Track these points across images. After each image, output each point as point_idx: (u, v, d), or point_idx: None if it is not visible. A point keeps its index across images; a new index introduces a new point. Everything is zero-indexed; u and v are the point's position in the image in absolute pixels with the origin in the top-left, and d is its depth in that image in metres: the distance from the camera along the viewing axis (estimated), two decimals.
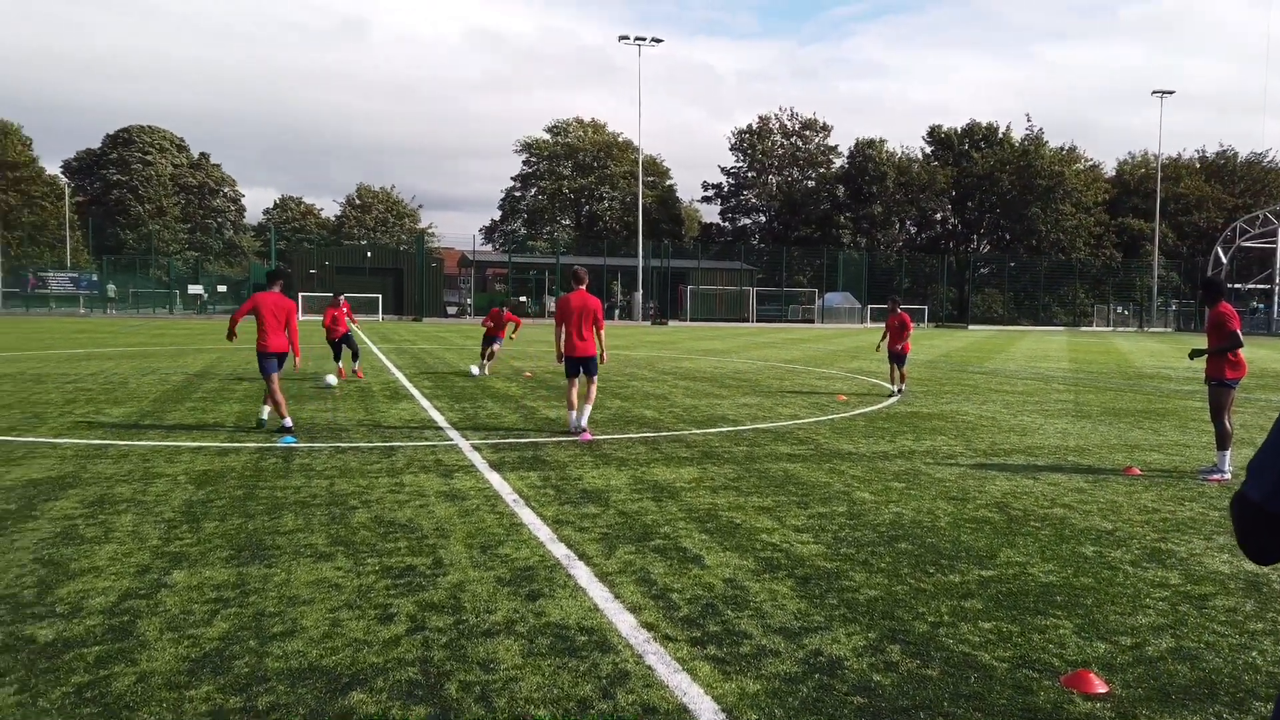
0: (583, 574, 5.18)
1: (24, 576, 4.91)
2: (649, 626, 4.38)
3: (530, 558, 5.47)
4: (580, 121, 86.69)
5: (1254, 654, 4.18)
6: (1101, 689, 3.74)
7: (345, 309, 16.52)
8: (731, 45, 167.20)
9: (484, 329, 17.91)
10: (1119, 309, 74.92)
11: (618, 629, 4.34)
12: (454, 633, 4.25)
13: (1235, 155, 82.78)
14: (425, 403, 12.96)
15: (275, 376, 10.15)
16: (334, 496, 6.96)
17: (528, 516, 6.48)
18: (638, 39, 60.18)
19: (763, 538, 6.04)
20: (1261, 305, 65.63)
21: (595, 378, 10.51)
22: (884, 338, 16.17)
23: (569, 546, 5.73)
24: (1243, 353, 8.48)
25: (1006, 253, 78.56)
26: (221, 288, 62.09)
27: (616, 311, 64.91)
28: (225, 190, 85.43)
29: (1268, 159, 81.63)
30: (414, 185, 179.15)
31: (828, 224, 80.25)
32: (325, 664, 3.86)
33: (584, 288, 10.36)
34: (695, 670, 3.88)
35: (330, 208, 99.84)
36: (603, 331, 10.37)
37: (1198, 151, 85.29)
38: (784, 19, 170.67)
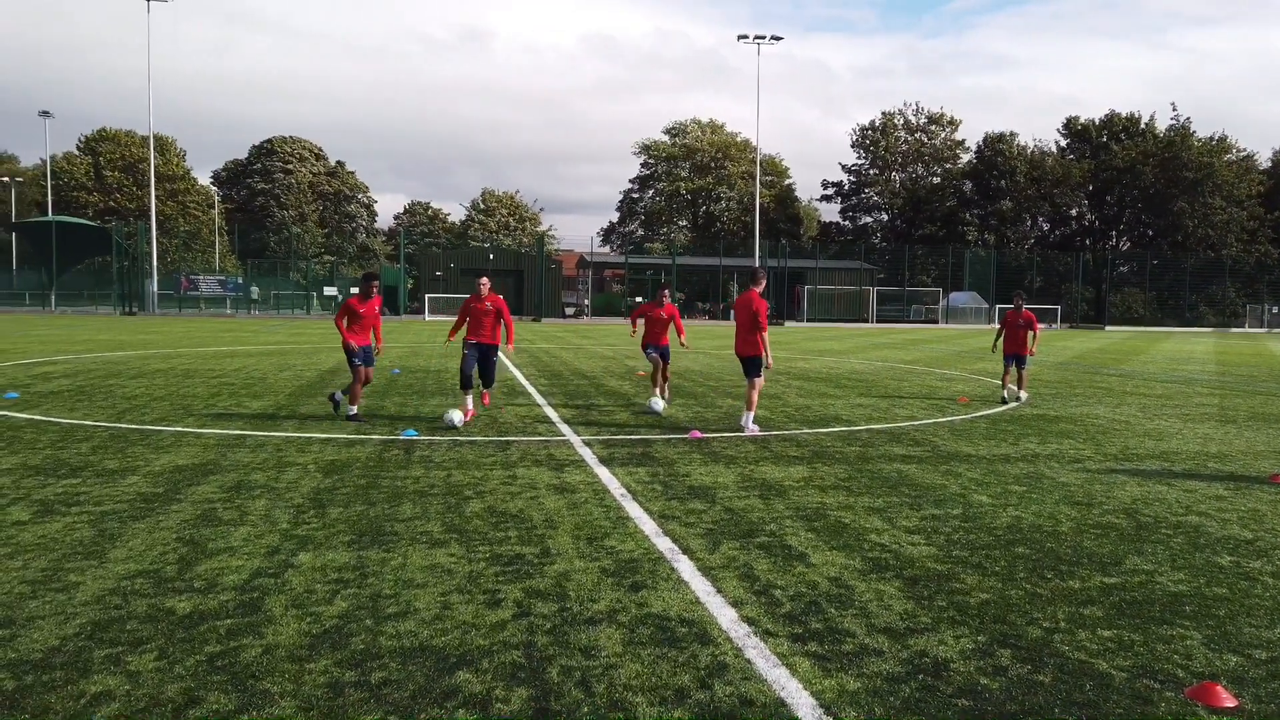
0: (686, 568, 5.20)
1: (167, 554, 5.29)
2: (750, 621, 4.37)
3: (635, 550, 5.53)
4: (698, 122, 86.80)
5: None
6: (1230, 703, 3.51)
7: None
8: (849, 42, 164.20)
9: (636, 331, 13.35)
10: (1274, 309, 69.63)
11: (718, 622, 4.34)
12: (558, 619, 4.34)
13: None
14: (541, 400, 13.25)
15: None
16: (450, 487, 7.21)
17: (634, 510, 6.55)
18: (756, 38, 59.80)
19: (871, 538, 5.93)
20: None
21: (756, 379, 10.45)
22: (999, 336, 14.38)
23: (674, 540, 5.77)
24: None
25: (1149, 250, 74.22)
26: (355, 290, 65.08)
27: (731, 313, 64.71)
28: (359, 196, 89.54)
29: None
30: (535, 189, 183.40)
31: (953, 221, 77.71)
32: (435, 644, 4.02)
33: (756, 289, 10.33)
34: (795, 666, 3.85)
35: (456, 212, 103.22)
36: (765, 335, 10.23)
37: None
38: (903, 13, 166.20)
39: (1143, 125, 76.16)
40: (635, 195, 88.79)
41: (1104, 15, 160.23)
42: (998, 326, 14.78)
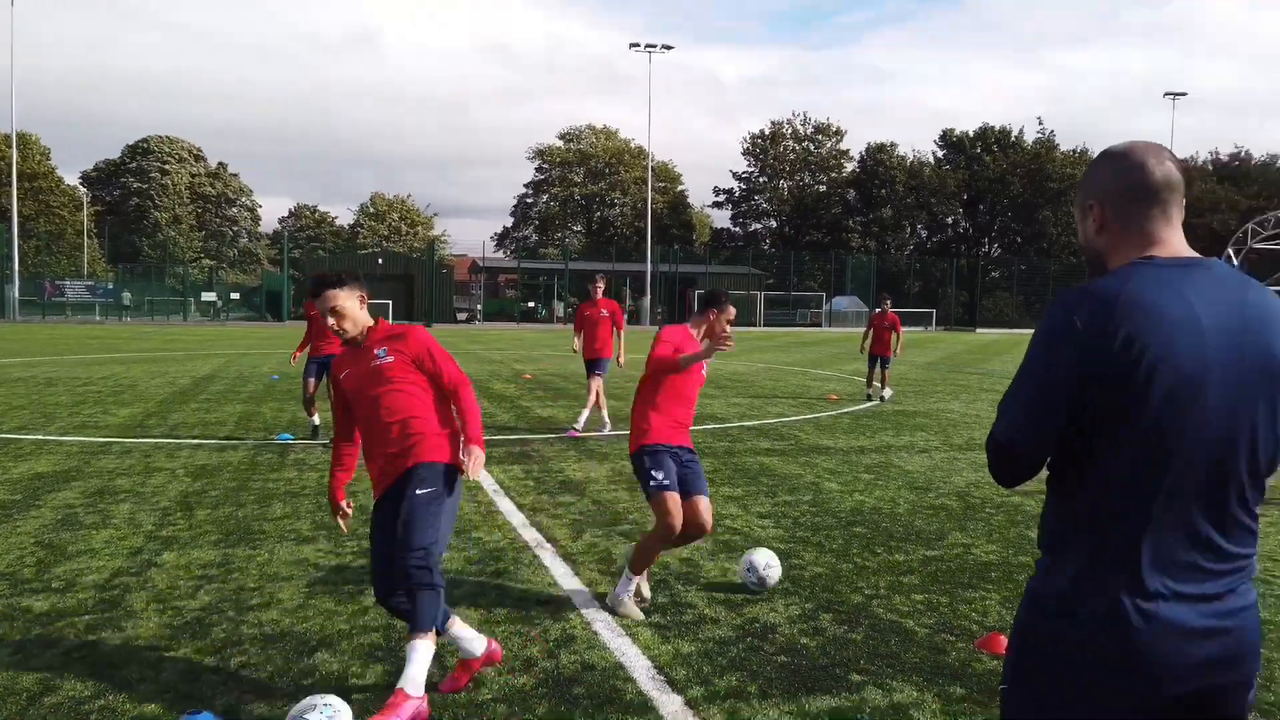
0: (548, 555, 5.50)
1: (24, 557, 5.27)
2: (601, 599, 4.69)
3: (501, 540, 5.79)
4: (593, 128, 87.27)
5: None
6: None
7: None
8: (739, 52, 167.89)
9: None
10: None
11: (571, 601, 4.66)
12: None
13: (1249, 157, 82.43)
14: None
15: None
16: (323, 488, 7.30)
17: (505, 505, 6.80)
18: (648, 46, 60.67)
19: (726, 523, 6.35)
20: None
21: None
22: (866, 337, 15.16)
23: (540, 531, 6.05)
24: None
25: (1017, 256, 78.46)
26: (235, 295, 62.83)
27: (625, 316, 65.30)
28: (242, 200, 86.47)
29: None
30: (429, 193, 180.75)
31: (838, 228, 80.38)
32: (296, 630, 4.20)
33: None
34: (637, 635, 4.19)
35: (345, 215, 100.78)
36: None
37: (1210, 154, 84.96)
38: (790, 26, 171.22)
39: (1013, 138, 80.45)
40: (529, 200, 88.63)
41: (980, 33, 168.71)
42: (866, 329, 15.50)
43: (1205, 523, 1.58)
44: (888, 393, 15.03)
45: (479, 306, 66.37)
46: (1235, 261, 63.97)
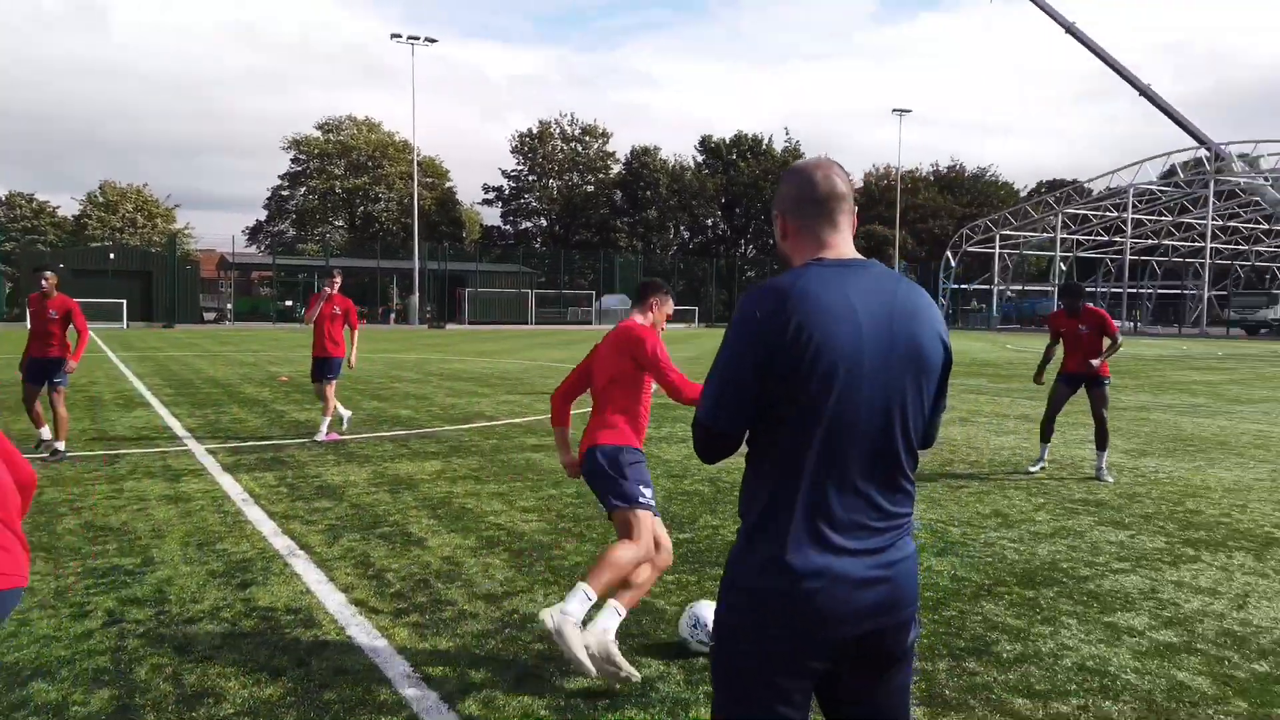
0: (300, 563, 5.30)
1: None
2: (358, 603, 4.60)
3: (249, 551, 5.52)
4: (354, 119, 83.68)
5: None
6: None
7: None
8: (505, 50, 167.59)
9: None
10: None
11: (325, 607, 4.53)
12: (153, 623, 4.28)
13: (963, 169, 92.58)
14: (163, 410, 12.31)
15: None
16: (41, 506, 6.60)
17: (254, 514, 6.47)
18: (410, 38, 59.01)
19: (490, 519, 6.39)
20: (983, 305, 73.87)
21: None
22: None
23: (292, 539, 5.82)
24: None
25: (770, 256, 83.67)
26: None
27: (392, 316, 63.33)
28: None
29: (989, 174, 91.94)
30: (169, 183, 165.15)
31: (606, 228, 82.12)
32: (5, 661, 3.81)
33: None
34: (393, 635, 4.16)
35: (69, 205, 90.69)
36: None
37: (932, 165, 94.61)
38: (557, 27, 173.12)
39: (764, 146, 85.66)
40: (285, 193, 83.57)
41: (731, 44, 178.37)
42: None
43: (870, 486, 1.84)
44: None
45: (229, 305, 61.95)
46: (954, 263, 71.65)
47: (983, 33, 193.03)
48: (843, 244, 1.96)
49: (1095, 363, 8.05)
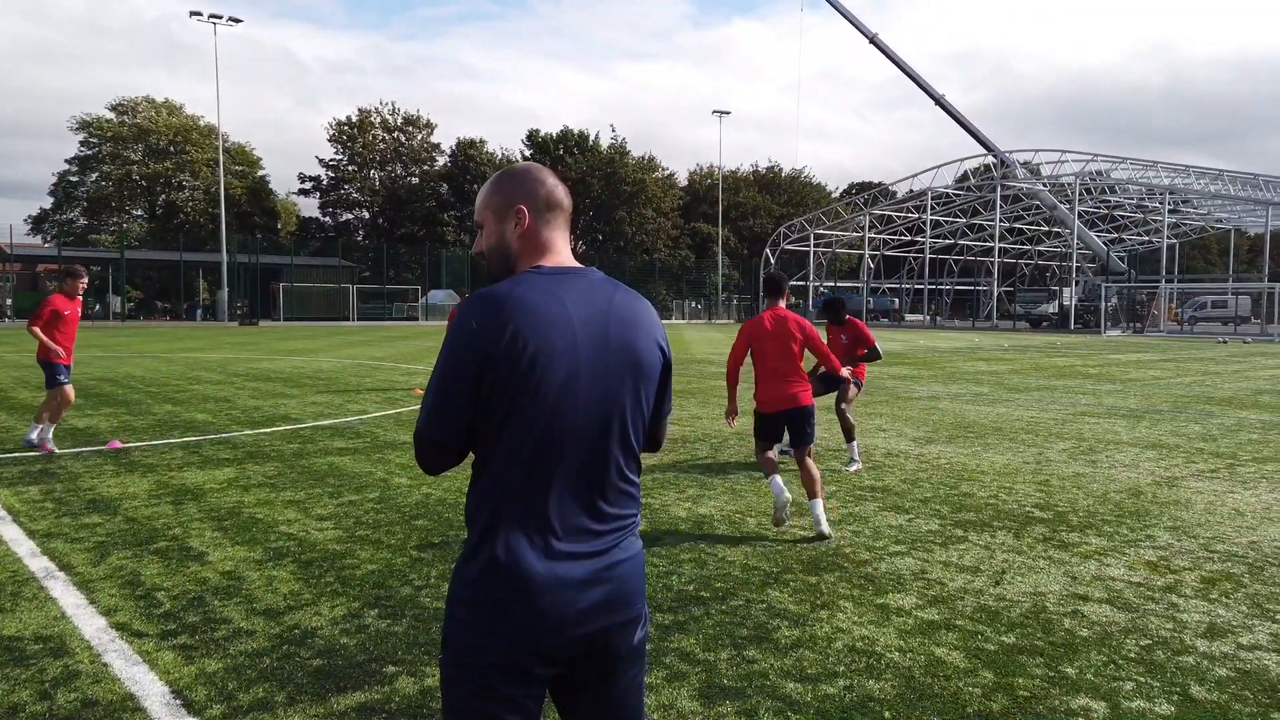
0: (59, 585, 4.86)
1: None
2: (119, 627, 4.26)
3: None
4: (151, 101, 77.63)
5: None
6: None
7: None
8: (318, 33, 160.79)
9: None
10: (692, 303, 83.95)
11: (81, 634, 4.17)
12: None
13: (780, 170, 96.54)
14: None
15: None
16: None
17: (9, 533, 5.88)
18: (212, 16, 55.38)
19: (281, 529, 6.08)
20: (799, 301, 77.40)
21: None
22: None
23: (52, 559, 5.32)
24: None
25: (599, 252, 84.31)
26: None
27: (199, 312, 59.40)
28: None
29: (804, 175, 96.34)
30: None
31: (433, 222, 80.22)
32: None
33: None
34: (156, 660, 3.88)
35: None
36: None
37: (752, 166, 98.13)
38: (372, 12, 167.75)
39: (591, 142, 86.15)
40: (74, 178, 76.52)
41: (555, 40, 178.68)
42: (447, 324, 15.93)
43: (589, 491, 1.86)
44: None
45: (9, 301, 56.24)
46: (773, 260, 74.62)
47: (792, 39, 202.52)
48: (565, 251, 1.99)
49: (845, 373, 7.76)
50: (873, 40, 63.14)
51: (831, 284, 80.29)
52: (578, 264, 1.96)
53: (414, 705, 3.49)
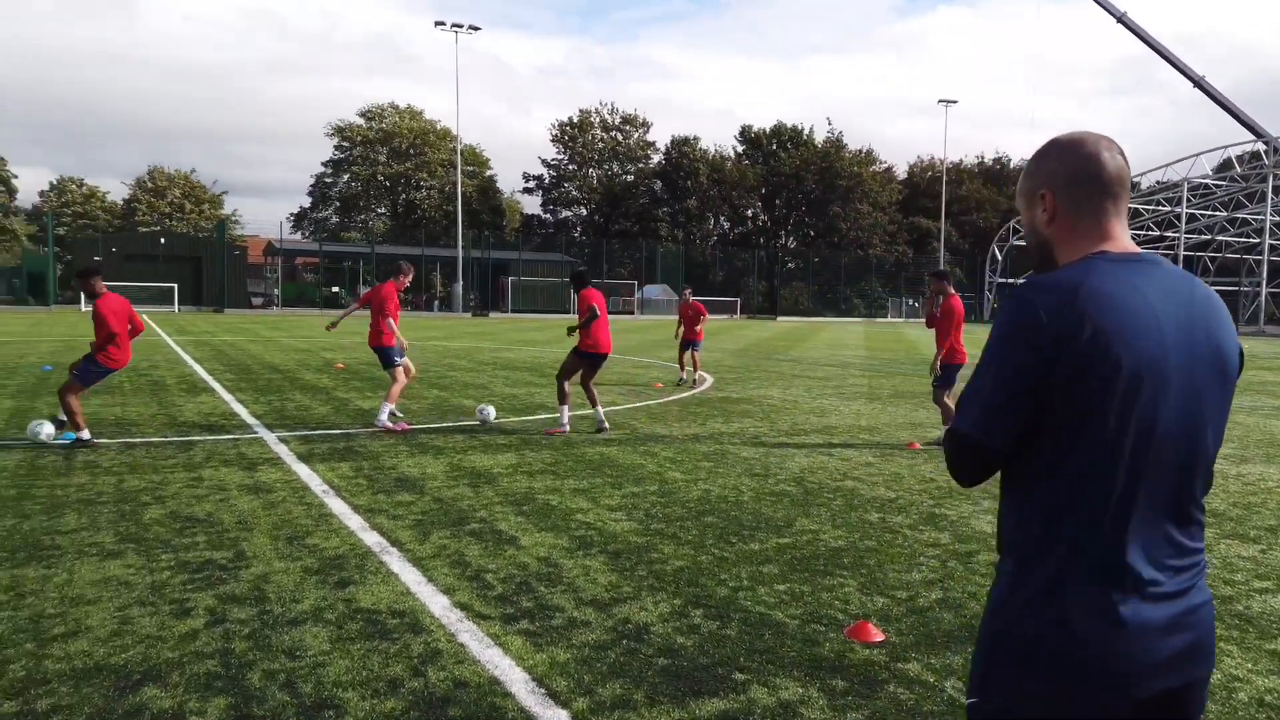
0: (395, 560, 5.13)
1: None
2: (462, 606, 4.42)
3: (340, 546, 5.36)
4: (395, 107, 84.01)
5: None
6: (878, 637, 4.11)
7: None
8: (527, 41, 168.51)
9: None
10: (910, 301, 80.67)
11: (430, 610, 4.35)
12: (257, 623, 4.12)
13: (1009, 162, 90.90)
14: (227, 396, 12.29)
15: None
16: (123, 494, 6.52)
17: (338, 506, 6.33)
18: (454, 26, 59.10)
19: (578, 518, 6.19)
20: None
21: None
22: (680, 326, 15.99)
23: (381, 534, 5.66)
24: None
25: (810, 248, 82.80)
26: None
27: (436, 303, 63.59)
28: None
29: None
30: (210, 170, 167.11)
31: (646, 218, 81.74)
32: (113, 662, 3.67)
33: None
34: (507, 645, 3.96)
35: (117, 190, 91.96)
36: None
37: (977, 158, 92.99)
38: (576, 17, 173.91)
39: (805, 136, 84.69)
40: (329, 179, 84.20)
41: (747, 36, 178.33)
42: (678, 319, 16.27)
43: (1168, 519, 1.59)
44: (700, 374, 15.99)
45: (276, 291, 62.61)
46: (999, 256, 70.40)
47: (1012, 25, 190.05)
48: (1125, 236, 1.71)
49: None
50: (1121, 19, 58.10)
51: None
52: (1140, 250, 1.69)
53: (775, 719, 3.35)
